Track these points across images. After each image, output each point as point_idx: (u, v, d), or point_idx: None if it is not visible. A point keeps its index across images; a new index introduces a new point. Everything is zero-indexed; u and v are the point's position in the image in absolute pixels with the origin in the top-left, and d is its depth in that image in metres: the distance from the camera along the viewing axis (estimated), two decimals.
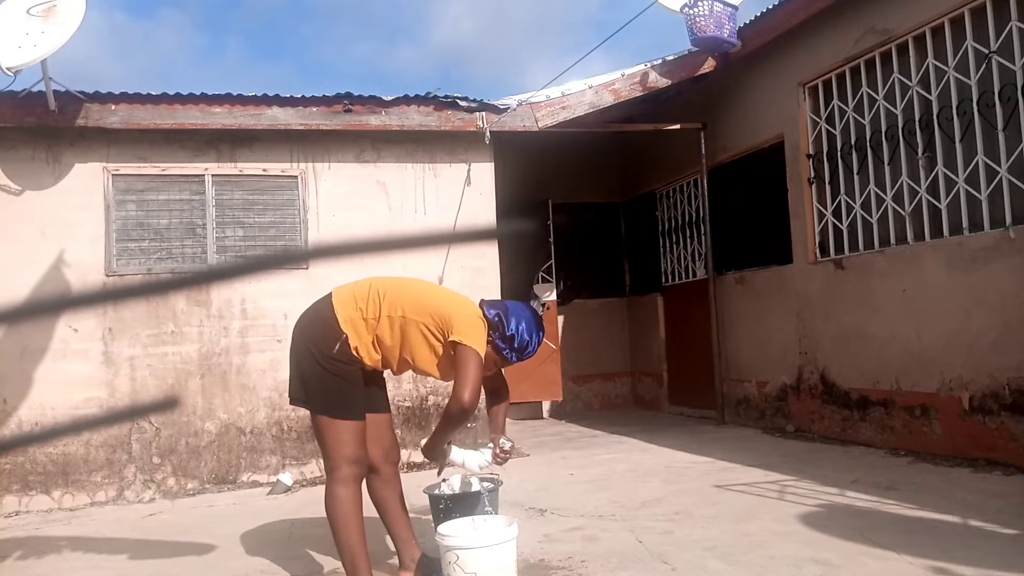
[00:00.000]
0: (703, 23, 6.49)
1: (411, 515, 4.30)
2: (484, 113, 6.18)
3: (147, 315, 5.61)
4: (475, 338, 2.89)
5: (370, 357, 2.97)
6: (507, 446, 3.17)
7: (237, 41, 66.19)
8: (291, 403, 3.08)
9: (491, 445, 3.18)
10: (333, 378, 2.91)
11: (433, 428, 5.80)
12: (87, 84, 5.85)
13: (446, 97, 6.10)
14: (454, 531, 2.98)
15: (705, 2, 6.45)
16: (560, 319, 8.74)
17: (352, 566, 2.93)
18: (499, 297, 6.37)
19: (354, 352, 2.92)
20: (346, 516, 2.92)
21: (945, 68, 5.02)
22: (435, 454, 3.13)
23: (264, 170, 5.94)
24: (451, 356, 2.92)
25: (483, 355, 2.90)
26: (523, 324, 3.01)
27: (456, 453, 3.14)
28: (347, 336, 2.89)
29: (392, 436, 3.25)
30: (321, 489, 2.94)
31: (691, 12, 6.52)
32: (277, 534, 4.15)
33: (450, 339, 2.88)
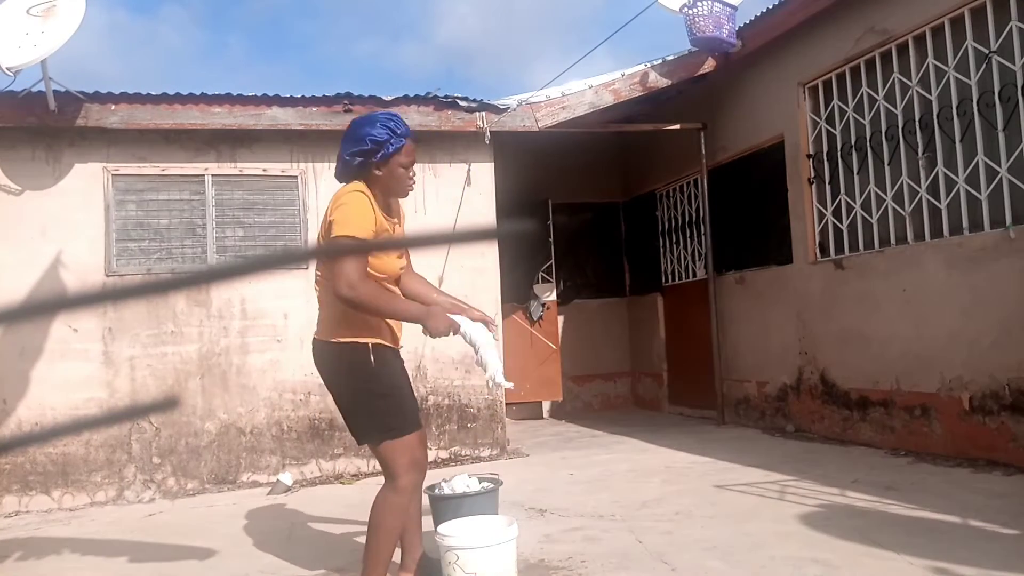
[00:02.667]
0: (702, 23, 6.49)
1: None
2: (484, 113, 6.18)
3: (147, 315, 5.61)
4: (347, 223, 2.66)
5: (391, 330, 2.79)
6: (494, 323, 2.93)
7: (239, 38, 66.20)
8: (360, 444, 2.90)
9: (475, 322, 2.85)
10: (382, 398, 2.75)
11: (433, 430, 5.76)
12: (88, 82, 5.85)
13: (446, 97, 6.10)
14: (454, 531, 2.98)
15: (704, 2, 6.45)
16: (560, 319, 8.74)
17: (373, 571, 2.79)
18: (499, 299, 6.38)
19: (385, 345, 2.77)
20: (393, 525, 2.78)
21: (945, 68, 5.01)
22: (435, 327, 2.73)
23: (264, 170, 5.94)
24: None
25: (363, 229, 2.67)
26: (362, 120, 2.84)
27: (467, 324, 2.78)
28: (370, 344, 2.74)
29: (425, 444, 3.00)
30: (322, 489, 2.95)
31: (690, 12, 6.52)
32: (277, 534, 4.15)
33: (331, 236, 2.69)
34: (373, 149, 2.78)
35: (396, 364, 2.87)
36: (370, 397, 2.74)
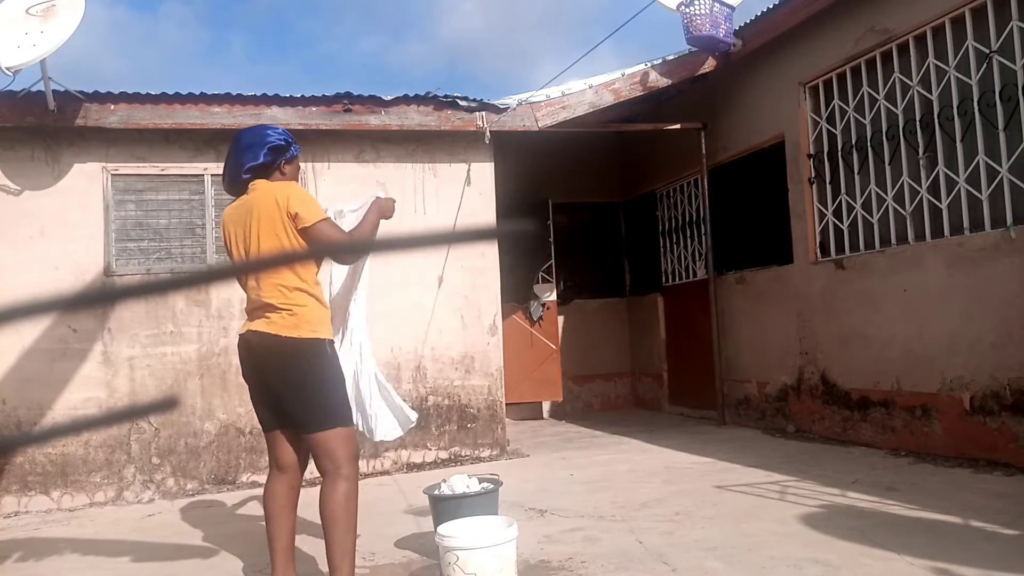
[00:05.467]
0: (699, 22, 6.48)
1: (411, 515, 4.31)
2: (484, 113, 6.17)
3: (146, 315, 5.60)
4: (315, 210, 2.90)
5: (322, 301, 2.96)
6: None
7: (240, 36, 66.20)
8: (268, 431, 3.06)
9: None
10: (336, 389, 2.88)
11: (432, 430, 5.75)
12: (88, 81, 5.84)
13: (446, 97, 6.09)
14: (454, 531, 2.97)
15: (701, 1, 6.44)
16: (560, 319, 8.73)
17: (347, 566, 2.82)
18: (499, 299, 6.37)
19: (333, 341, 2.93)
20: (352, 513, 2.84)
21: (946, 68, 5.01)
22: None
23: None
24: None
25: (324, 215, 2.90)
26: (254, 132, 3.06)
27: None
28: (326, 340, 2.87)
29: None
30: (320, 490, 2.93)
31: (687, 11, 6.51)
32: None
33: (301, 227, 2.86)
34: (284, 147, 3.03)
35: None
36: (328, 388, 2.86)
